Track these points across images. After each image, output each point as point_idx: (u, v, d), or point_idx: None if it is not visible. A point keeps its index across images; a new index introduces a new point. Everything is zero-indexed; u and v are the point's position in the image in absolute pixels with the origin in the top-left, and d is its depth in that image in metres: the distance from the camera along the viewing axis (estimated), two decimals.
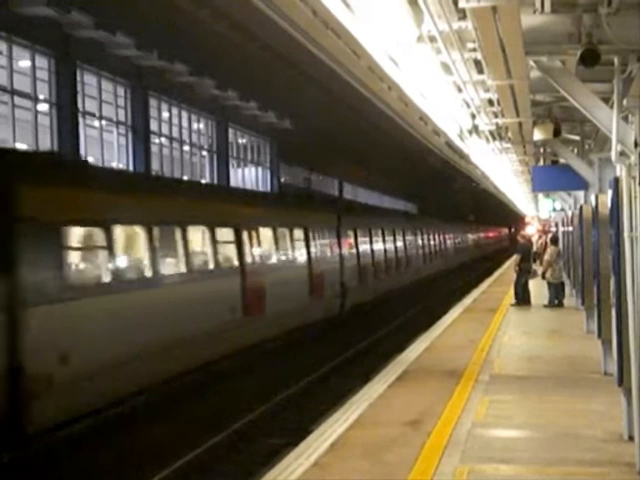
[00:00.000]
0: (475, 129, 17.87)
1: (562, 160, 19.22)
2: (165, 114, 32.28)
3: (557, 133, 15.63)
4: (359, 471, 8.58)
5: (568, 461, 8.82)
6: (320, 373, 18.69)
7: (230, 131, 38.15)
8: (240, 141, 40.48)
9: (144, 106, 29.27)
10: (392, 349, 20.89)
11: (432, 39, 9.87)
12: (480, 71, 11.27)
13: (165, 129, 32.29)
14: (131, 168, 28.15)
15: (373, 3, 9.44)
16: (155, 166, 30.38)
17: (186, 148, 34.24)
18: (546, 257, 24.62)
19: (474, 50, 10.02)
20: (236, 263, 18.76)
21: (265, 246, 21.16)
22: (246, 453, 12.85)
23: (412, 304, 33.75)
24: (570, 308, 23.25)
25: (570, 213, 26.08)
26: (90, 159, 25.53)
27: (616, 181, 8.98)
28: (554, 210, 35.70)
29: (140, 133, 28.88)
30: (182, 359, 15.40)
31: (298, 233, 23.63)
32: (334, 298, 26.10)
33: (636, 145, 8.82)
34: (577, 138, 18.17)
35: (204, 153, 36.41)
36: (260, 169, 42.61)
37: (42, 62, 23.72)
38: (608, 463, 8.69)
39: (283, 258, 22.53)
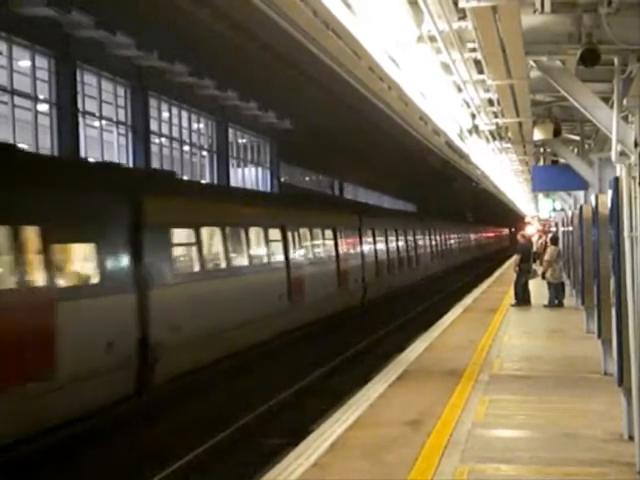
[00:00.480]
0: (475, 129, 17.86)
1: (562, 160, 19.21)
2: (165, 114, 32.29)
3: (557, 133, 15.62)
4: (359, 471, 8.58)
5: (568, 461, 8.82)
6: (320, 373, 18.69)
7: (230, 131, 38.15)
8: (240, 141, 40.49)
9: (144, 106, 29.27)
10: (392, 349, 20.89)
11: (432, 39, 9.86)
12: (480, 71, 11.27)
13: (165, 129, 32.30)
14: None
15: (373, 3, 9.44)
16: (155, 166, 30.36)
17: (186, 148, 34.25)
18: (546, 257, 24.62)
19: (474, 50, 10.02)
20: (283, 258, 22.37)
21: (305, 243, 24.99)
22: (246, 453, 12.84)
23: (420, 299, 36.46)
24: (570, 308, 23.25)
25: (570, 213, 26.08)
26: (90, 159, 25.58)
27: (616, 181, 8.98)
28: (554, 210, 35.70)
29: (140, 133, 28.89)
30: (248, 335, 18.78)
31: (329, 233, 27.52)
32: (357, 290, 29.91)
33: (636, 145, 8.81)
34: (577, 138, 18.16)
35: (204, 153, 36.42)
36: (260, 169, 42.63)
37: (42, 62, 23.73)
38: (608, 463, 8.69)
39: (318, 254, 26.26)
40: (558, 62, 10.10)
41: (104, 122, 27.52)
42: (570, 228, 25.95)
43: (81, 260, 13.41)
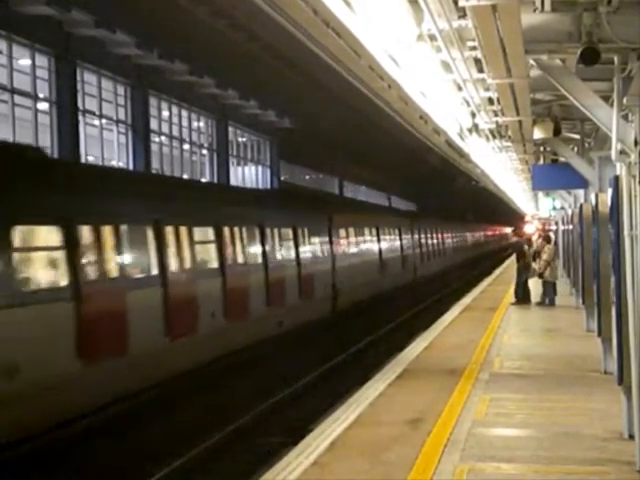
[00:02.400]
0: (475, 128, 17.85)
1: (562, 159, 19.19)
2: (165, 113, 32.28)
3: (557, 132, 15.62)
4: (359, 470, 8.58)
5: (568, 460, 8.82)
6: (320, 372, 18.69)
7: (230, 130, 38.14)
8: (240, 140, 40.48)
9: (144, 105, 29.26)
10: (392, 348, 20.89)
11: (432, 37, 9.86)
12: (480, 69, 11.26)
13: (165, 128, 32.28)
14: (131, 167, 28.14)
15: (373, 2, 9.43)
16: (155, 165, 30.37)
17: (186, 147, 34.23)
18: (545, 256, 24.61)
19: (474, 48, 10.01)
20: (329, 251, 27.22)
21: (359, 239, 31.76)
22: (246, 452, 12.85)
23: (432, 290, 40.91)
24: (570, 307, 23.26)
25: (570, 212, 26.08)
26: (90, 158, 25.57)
27: (616, 180, 8.98)
28: (554, 209, 35.70)
29: (140, 132, 28.87)
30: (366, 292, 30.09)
31: (374, 230, 34.02)
32: (392, 276, 35.62)
33: (636, 144, 8.80)
34: (577, 137, 18.15)
35: (204, 152, 36.41)
36: (260, 168, 42.62)
37: (42, 61, 23.71)
38: (608, 462, 8.70)
39: (369, 247, 33.02)
40: (558, 61, 10.09)
41: (104, 121, 27.50)
42: (570, 227, 25.97)
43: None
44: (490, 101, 14.27)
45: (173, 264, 15.78)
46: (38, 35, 22.67)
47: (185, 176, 32.79)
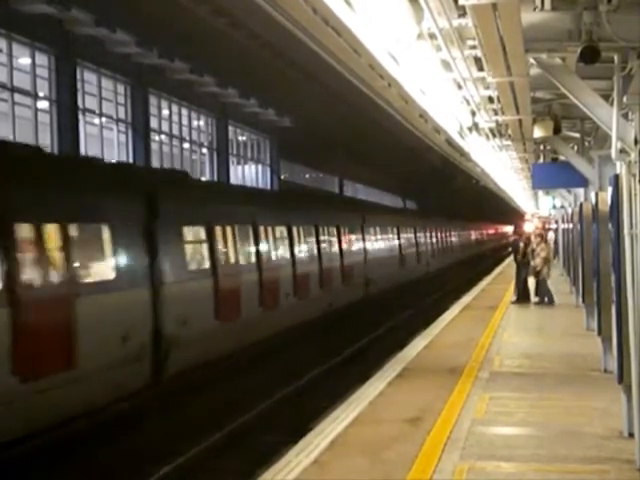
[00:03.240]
0: (475, 126, 17.84)
1: (562, 157, 19.19)
2: (165, 111, 32.28)
3: (557, 130, 15.61)
4: (359, 469, 8.58)
5: (568, 458, 8.82)
6: (320, 370, 18.70)
7: (230, 128, 38.14)
8: (240, 138, 40.49)
9: (144, 103, 29.26)
10: (392, 346, 20.88)
11: (432, 36, 9.86)
12: (480, 68, 11.26)
13: (165, 126, 32.29)
14: None
15: (373, 0, 9.43)
16: (155, 163, 30.37)
17: (186, 145, 34.24)
18: (543, 255, 24.58)
19: (474, 47, 10.01)
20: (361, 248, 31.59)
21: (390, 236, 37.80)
22: (246, 450, 12.85)
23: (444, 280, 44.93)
24: (570, 305, 23.26)
25: (570, 210, 26.09)
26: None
27: (616, 178, 8.98)
28: (554, 207, 35.71)
29: (140, 130, 28.88)
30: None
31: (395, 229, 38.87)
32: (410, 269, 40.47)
33: (636, 142, 8.80)
34: (577, 135, 18.15)
35: (204, 150, 36.41)
36: (260, 166, 42.62)
37: (42, 59, 23.72)
38: (608, 460, 8.70)
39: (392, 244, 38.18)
40: (558, 59, 10.09)
41: (104, 119, 27.51)
42: (570, 225, 25.98)
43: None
44: (490, 100, 14.26)
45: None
46: (38, 34, 22.69)
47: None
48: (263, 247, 20.94)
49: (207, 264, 17.10)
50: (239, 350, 18.25)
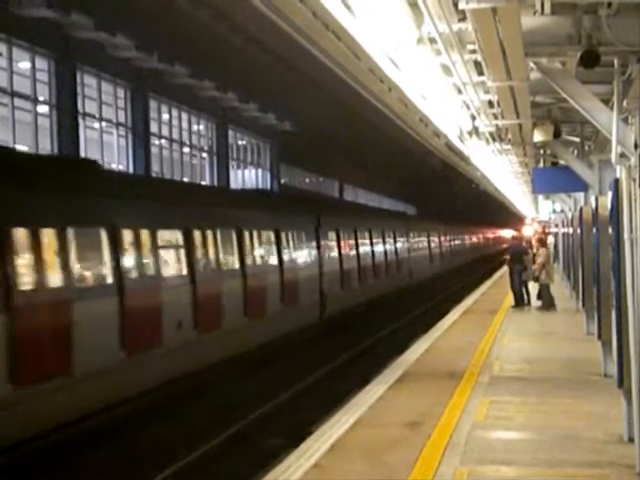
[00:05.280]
0: (475, 130, 17.86)
1: (562, 162, 19.18)
2: (165, 116, 32.28)
3: (557, 135, 15.61)
4: (359, 472, 8.58)
5: (568, 463, 8.82)
6: (320, 374, 18.69)
7: (230, 133, 38.15)
8: (240, 143, 40.50)
9: (144, 108, 29.27)
10: (392, 351, 20.88)
11: (432, 40, 9.87)
12: (480, 72, 11.26)
13: (165, 131, 32.29)
14: (131, 170, 28.16)
15: (373, 5, 9.44)
16: (155, 168, 30.38)
17: (186, 150, 34.24)
18: (540, 259, 24.53)
19: (474, 51, 10.01)
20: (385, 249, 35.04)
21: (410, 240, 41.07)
22: (246, 454, 12.84)
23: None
24: (570, 310, 23.25)
25: (570, 215, 26.09)
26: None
27: (616, 183, 8.98)
28: (554, 212, 35.72)
29: (140, 135, 28.88)
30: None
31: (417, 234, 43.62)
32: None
33: (636, 147, 8.81)
34: (577, 140, 18.14)
35: (204, 155, 36.41)
36: (260, 171, 42.62)
37: (42, 64, 23.72)
38: (608, 465, 8.69)
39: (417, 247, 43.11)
40: (558, 64, 10.10)
41: (104, 124, 27.52)
42: (570, 230, 25.97)
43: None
44: (490, 104, 14.26)
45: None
46: (38, 38, 22.68)
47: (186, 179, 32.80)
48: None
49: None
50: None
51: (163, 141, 32.08)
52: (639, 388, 8.52)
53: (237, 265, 18.93)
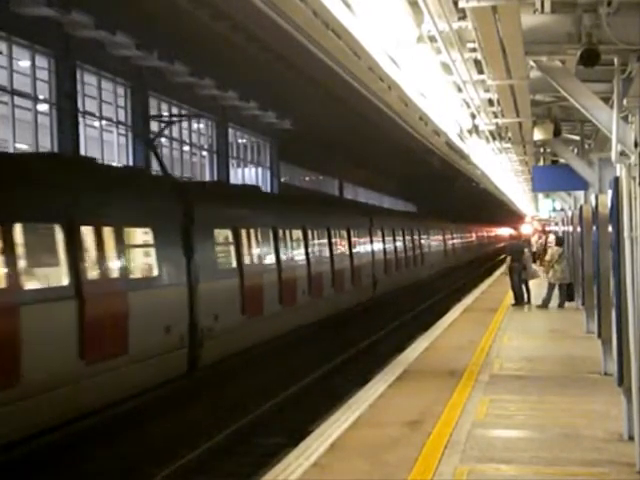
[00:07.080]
0: (475, 129, 17.84)
1: (562, 160, 19.17)
2: (165, 114, 32.27)
3: (557, 133, 15.60)
4: (359, 471, 8.58)
5: (568, 461, 8.83)
6: (320, 373, 18.69)
7: (230, 131, 38.14)
8: (240, 141, 40.50)
9: (144, 106, 29.27)
10: (392, 349, 20.89)
11: (432, 39, 9.85)
12: (480, 71, 11.25)
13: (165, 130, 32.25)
14: None
15: (373, 3, 9.43)
16: (155, 166, 30.36)
17: (186, 148, 34.24)
18: (546, 257, 24.56)
19: (474, 50, 10.00)
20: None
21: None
22: (246, 453, 12.84)
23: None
24: (570, 308, 23.25)
25: (570, 213, 26.08)
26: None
27: (616, 181, 8.98)
28: (554, 210, 35.72)
29: (140, 133, 28.87)
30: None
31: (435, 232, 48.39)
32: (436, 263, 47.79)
33: (636, 145, 8.80)
34: (577, 138, 18.14)
35: (204, 153, 36.41)
36: (260, 169, 42.62)
37: (42, 62, 23.72)
38: (608, 463, 8.70)
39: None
40: (558, 62, 10.09)
41: (104, 122, 27.52)
42: (570, 228, 25.96)
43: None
44: (490, 102, 14.26)
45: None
46: (38, 36, 22.69)
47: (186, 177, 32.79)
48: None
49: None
50: None
51: (163, 139, 32.07)
52: (639, 386, 8.52)
53: (332, 254, 26.46)
